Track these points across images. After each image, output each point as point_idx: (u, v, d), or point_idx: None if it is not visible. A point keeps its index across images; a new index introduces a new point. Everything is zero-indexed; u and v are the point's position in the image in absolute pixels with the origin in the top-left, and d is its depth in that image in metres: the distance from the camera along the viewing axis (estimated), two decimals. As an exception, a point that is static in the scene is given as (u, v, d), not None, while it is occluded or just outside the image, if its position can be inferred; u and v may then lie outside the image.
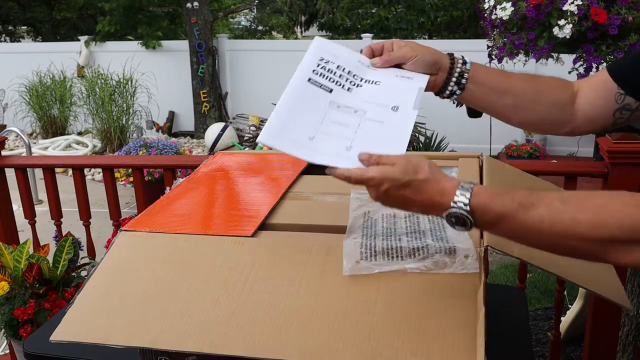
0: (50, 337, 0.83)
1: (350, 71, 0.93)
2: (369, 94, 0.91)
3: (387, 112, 0.88)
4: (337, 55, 0.95)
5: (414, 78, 0.92)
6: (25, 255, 1.98)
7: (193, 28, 7.34)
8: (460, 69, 0.92)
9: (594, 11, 1.80)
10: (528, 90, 0.95)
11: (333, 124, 0.86)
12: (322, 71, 0.92)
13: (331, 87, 0.91)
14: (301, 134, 0.85)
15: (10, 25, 11.71)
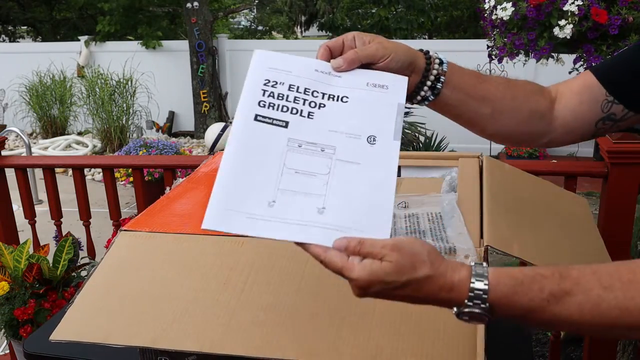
0: (50, 337, 0.83)
1: (308, 88, 0.72)
2: (336, 118, 0.71)
3: (362, 147, 0.69)
4: (287, 71, 0.73)
5: (390, 87, 0.73)
6: (25, 255, 1.98)
7: (193, 28, 7.34)
8: (436, 70, 0.77)
9: (594, 11, 1.80)
10: (506, 97, 0.82)
11: (296, 175, 0.67)
12: (270, 100, 0.71)
13: (286, 119, 0.70)
14: (257, 202, 0.65)
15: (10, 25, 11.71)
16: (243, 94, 0.72)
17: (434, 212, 1.03)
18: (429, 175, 1.30)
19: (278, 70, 0.73)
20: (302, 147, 0.69)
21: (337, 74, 0.73)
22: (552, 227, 1.10)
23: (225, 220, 0.65)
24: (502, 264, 3.31)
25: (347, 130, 0.70)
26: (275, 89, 0.72)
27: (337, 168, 0.68)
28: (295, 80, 0.73)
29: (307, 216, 0.65)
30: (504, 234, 0.94)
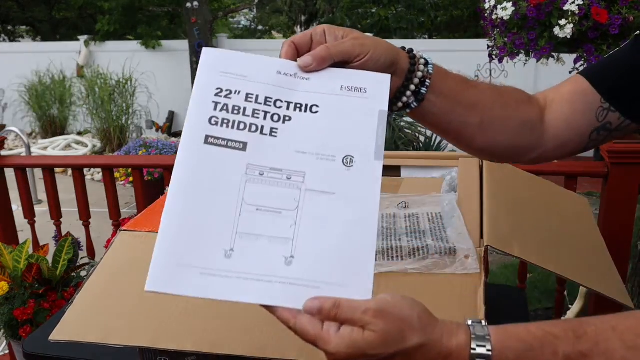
0: (50, 337, 0.83)
1: (269, 97, 0.58)
2: (304, 134, 0.57)
3: (337, 171, 0.56)
4: (243, 75, 0.59)
5: (369, 90, 0.60)
6: (24, 256, 1.97)
7: (193, 28, 7.34)
8: (422, 72, 0.65)
9: (594, 11, 1.80)
10: (496, 105, 0.72)
11: (258, 213, 0.54)
12: (224, 115, 0.56)
13: (244, 140, 0.56)
14: (211, 252, 0.53)
15: (10, 25, 11.71)
16: (190, 109, 0.57)
17: (434, 212, 1.03)
18: (429, 175, 1.30)
19: (232, 75, 0.59)
20: (265, 175, 0.56)
21: (304, 75, 0.60)
22: (553, 226, 1.10)
23: (174, 279, 0.53)
24: (502, 264, 3.31)
25: (317, 150, 0.57)
26: (229, 101, 0.57)
27: (307, 201, 0.55)
28: (254, 88, 0.58)
29: (272, 269, 0.53)
30: (504, 234, 0.94)
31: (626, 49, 0.73)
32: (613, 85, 0.73)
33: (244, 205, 0.55)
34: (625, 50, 0.73)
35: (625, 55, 0.73)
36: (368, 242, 0.54)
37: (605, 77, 0.74)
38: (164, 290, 0.53)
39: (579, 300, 2.42)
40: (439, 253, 0.89)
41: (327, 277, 0.53)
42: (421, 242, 0.92)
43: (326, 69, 0.60)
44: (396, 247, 0.91)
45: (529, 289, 2.91)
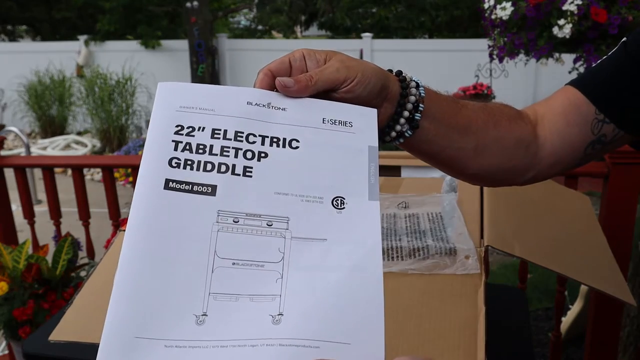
0: (49, 337, 0.83)
1: (240, 132, 0.50)
2: (284, 173, 0.50)
3: (327, 214, 0.49)
4: (207, 109, 0.51)
5: (355, 123, 0.53)
6: (24, 256, 1.97)
7: (193, 28, 7.34)
8: (414, 97, 0.59)
9: (594, 11, 1.80)
10: (489, 126, 0.66)
11: (235, 269, 0.46)
12: (186, 156, 0.48)
13: (212, 183, 0.48)
14: (178, 321, 0.44)
15: (9, 24, 11.71)
16: (146, 151, 0.49)
17: (435, 212, 1.03)
18: (429, 175, 1.30)
19: (194, 109, 0.51)
20: (240, 222, 0.47)
21: (280, 104, 0.52)
22: (554, 225, 1.10)
23: (131, 355, 0.42)
24: (502, 264, 3.31)
25: (301, 191, 0.49)
26: (192, 139, 0.49)
27: (295, 251, 0.47)
28: (221, 122, 0.50)
29: (257, 330, 0.44)
30: (505, 234, 0.94)
31: (615, 55, 0.70)
32: (606, 94, 0.68)
33: (217, 259, 0.45)
34: (614, 57, 0.70)
35: (614, 63, 0.69)
36: (373, 293, 0.46)
37: (597, 87, 0.69)
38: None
39: (579, 300, 2.42)
40: (440, 253, 0.89)
41: (328, 335, 0.44)
42: (421, 242, 0.92)
43: (304, 98, 0.53)
44: (396, 247, 0.91)
45: (529, 289, 2.91)
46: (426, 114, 0.60)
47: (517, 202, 1.12)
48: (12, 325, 1.93)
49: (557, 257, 0.97)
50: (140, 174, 0.48)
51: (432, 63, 6.94)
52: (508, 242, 0.92)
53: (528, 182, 0.73)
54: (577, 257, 1.02)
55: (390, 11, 9.29)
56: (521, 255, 0.90)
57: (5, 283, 1.91)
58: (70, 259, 2.01)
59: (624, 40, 0.68)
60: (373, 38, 7.37)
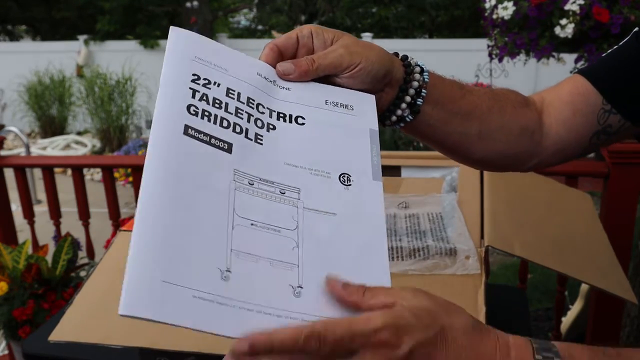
0: (49, 337, 0.83)
1: (251, 99, 0.51)
2: (292, 146, 0.51)
3: (335, 190, 0.49)
4: (222, 67, 0.51)
5: (356, 108, 0.55)
6: (24, 256, 1.97)
7: (193, 27, 7.34)
8: (417, 82, 0.60)
9: (596, 10, 1.79)
10: (494, 111, 0.67)
11: (253, 229, 0.45)
12: (204, 106, 0.48)
13: (228, 140, 0.47)
14: (204, 271, 0.41)
15: (9, 24, 11.71)
16: (162, 94, 0.47)
17: (435, 213, 1.03)
18: (430, 175, 1.30)
19: (210, 64, 0.51)
20: (255, 185, 0.47)
21: (284, 84, 0.54)
22: (555, 224, 1.09)
23: (157, 300, 0.39)
24: (502, 264, 3.31)
25: (309, 164, 0.50)
26: (209, 91, 0.49)
27: (307, 222, 0.47)
28: (235, 84, 0.51)
29: (280, 300, 0.43)
30: (505, 234, 0.94)
31: (626, 46, 0.70)
32: (614, 84, 0.68)
33: (236, 217, 0.44)
34: (625, 47, 0.70)
35: (624, 53, 0.70)
36: (381, 271, 0.47)
37: (606, 77, 0.69)
38: (144, 315, 0.38)
39: (579, 300, 2.42)
40: (440, 254, 0.89)
41: (343, 313, 0.44)
42: (422, 242, 0.92)
43: (307, 82, 0.54)
44: (397, 248, 0.91)
45: (530, 289, 2.91)
46: (428, 99, 0.61)
47: (517, 202, 1.12)
48: (12, 325, 1.92)
49: (558, 256, 0.97)
50: (156, 117, 0.46)
51: (432, 63, 6.87)
52: (508, 241, 0.92)
53: (532, 169, 0.73)
54: (578, 256, 1.02)
55: (390, 11, 9.29)
56: (521, 254, 0.89)
57: (5, 283, 1.91)
58: (70, 259, 2.01)
59: (636, 31, 0.68)
60: (373, 38, 7.37)
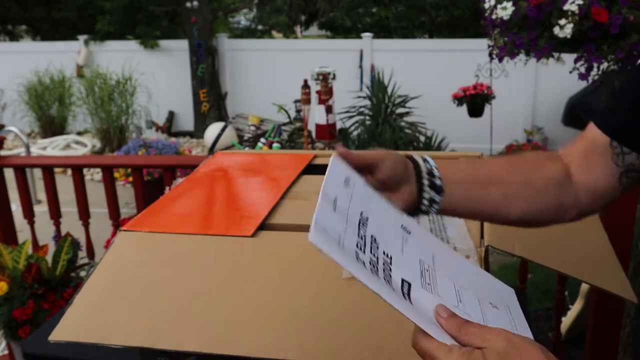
0: (49, 337, 0.83)
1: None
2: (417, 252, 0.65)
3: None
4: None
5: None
6: (24, 256, 1.97)
7: (192, 27, 7.34)
8: (426, 167, 0.69)
9: (595, 10, 1.79)
10: (513, 173, 0.72)
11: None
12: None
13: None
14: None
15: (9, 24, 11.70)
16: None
17: (435, 212, 1.03)
18: (430, 175, 1.30)
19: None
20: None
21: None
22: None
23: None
24: (502, 264, 3.31)
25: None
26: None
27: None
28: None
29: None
30: (505, 234, 0.94)
31: (628, 82, 0.71)
32: (617, 122, 0.70)
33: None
34: (628, 83, 0.71)
35: (630, 90, 0.71)
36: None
37: (608, 116, 0.71)
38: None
39: (579, 300, 2.42)
40: (440, 253, 0.89)
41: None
42: (422, 242, 0.92)
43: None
44: (397, 247, 0.91)
45: (529, 289, 2.91)
46: (446, 179, 0.69)
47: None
48: (12, 325, 1.92)
49: (558, 255, 0.97)
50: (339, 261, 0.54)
51: (432, 63, 6.94)
52: (508, 241, 0.92)
53: (576, 219, 0.76)
54: (578, 256, 1.02)
55: (390, 11, 9.29)
56: (521, 254, 0.90)
57: (5, 283, 1.91)
58: (70, 259, 2.01)
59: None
60: (373, 38, 7.36)
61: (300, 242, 0.97)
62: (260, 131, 6.10)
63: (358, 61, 7.15)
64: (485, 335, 0.51)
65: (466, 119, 5.66)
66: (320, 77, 4.82)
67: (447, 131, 5.32)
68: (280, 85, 6.84)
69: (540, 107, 6.81)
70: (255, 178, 1.30)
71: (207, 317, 0.83)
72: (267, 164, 1.40)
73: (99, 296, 0.90)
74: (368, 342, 0.78)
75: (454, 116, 5.88)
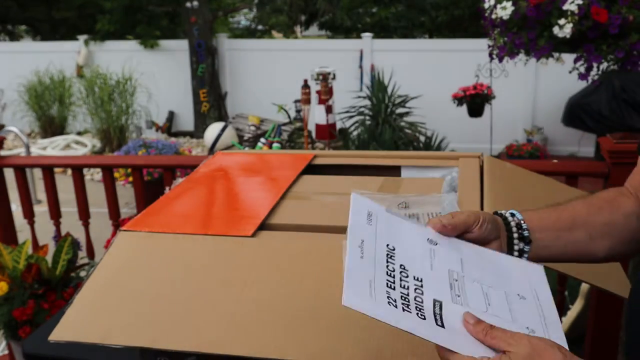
0: (49, 337, 0.83)
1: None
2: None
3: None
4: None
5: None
6: (24, 256, 1.97)
7: (192, 27, 7.34)
8: (514, 221, 0.76)
9: (594, 10, 1.79)
10: (592, 213, 0.78)
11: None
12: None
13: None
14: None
15: (9, 24, 11.71)
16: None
17: (435, 212, 1.03)
18: (430, 175, 1.30)
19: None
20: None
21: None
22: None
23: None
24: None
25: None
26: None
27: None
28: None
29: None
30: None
31: None
32: None
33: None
34: None
35: None
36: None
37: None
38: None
39: (579, 300, 2.42)
40: (440, 253, 0.89)
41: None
42: (422, 242, 0.92)
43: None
44: (396, 247, 0.91)
45: (529, 288, 2.90)
46: (532, 229, 0.75)
47: (518, 201, 1.12)
48: (12, 325, 1.92)
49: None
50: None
51: (432, 63, 6.94)
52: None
53: None
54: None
55: (390, 11, 9.28)
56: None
57: (5, 283, 1.91)
58: (70, 259, 2.01)
59: None
60: (373, 38, 7.36)
61: (300, 242, 0.97)
62: (260, 131, 6.10)
63: (358, 61, 7.15)
64: (509, 340, 0.57)
65: (466, 119, 5.66)
66: (320, 77, 4.82)
67: (447, 131, 5.32)
68: (280, 85, 6.84)
69: (540, 107, 6.81)
70: (255, 178, 1.30)
71: (207, 317, 0.83)
72: (267, 164, 1.40)
73: (99, 296, 0.90)
74: (368, 342, 0.78)
75: (454, 116, 5.88)
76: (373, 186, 1.14)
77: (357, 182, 1.20)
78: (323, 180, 1.26)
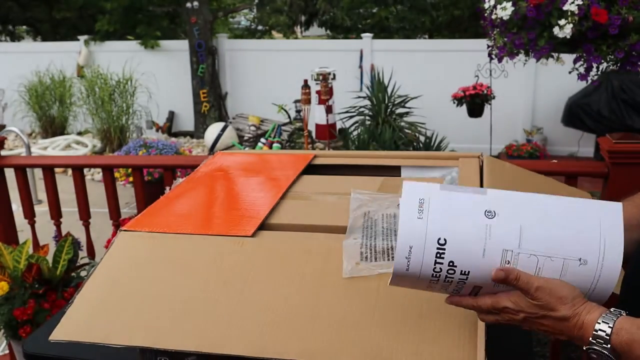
0: (50, 337, 0.83)
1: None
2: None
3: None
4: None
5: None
6: (24, 256, 1.98)
7: (193, 28, 7.34)
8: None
9: (594, 11, 1.80)
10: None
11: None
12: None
13: None
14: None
15: (10, 24, 11.71)
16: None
17: (434, 212, 1.03)
18: (429, 175, 1.30)
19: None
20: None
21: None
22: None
23: None
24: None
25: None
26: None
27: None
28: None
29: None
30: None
31: None
32: None
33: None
34: None
35: None
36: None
37: None
38: None
39: (579, 300, 2.41)
40: (439, 253, 0.89)
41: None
42: (421, 242, 0.92)
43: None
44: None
45: (529, 288, 2.90)
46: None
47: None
48: (13, 325, 1.93)
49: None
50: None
51: (432, 63, 6.93)
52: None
53: None
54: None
55: (391, 11, 9.28)
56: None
57: (5, 283, 1.91)
58: (70, 259, 2.01)
59: None
60: (373, 38, 7.36)
61: (300, 242, 0.97)
62: (261, 131, 6.10)
63: (358, 61, 7.15)
64: (540, 287, 0.67)
65: (466, 119, 5.65)
66: (320, 77, 4.82)
67: (447, 131, 5.32)
68: (280, 85, 6.83)
69: (540, 107, 6.80)
70: (255, 178, 1.31)
71: (207, 317, 0.83)
72: (267, 164, 1.40)
73: (100, 296, 0.90)
74: (368, 342, 0.78)
75: (453, 116, 5.88)
76: (373, 186, 1.14)
77: (357, 182, 1.20)
78: (323, 180, 1.26)
